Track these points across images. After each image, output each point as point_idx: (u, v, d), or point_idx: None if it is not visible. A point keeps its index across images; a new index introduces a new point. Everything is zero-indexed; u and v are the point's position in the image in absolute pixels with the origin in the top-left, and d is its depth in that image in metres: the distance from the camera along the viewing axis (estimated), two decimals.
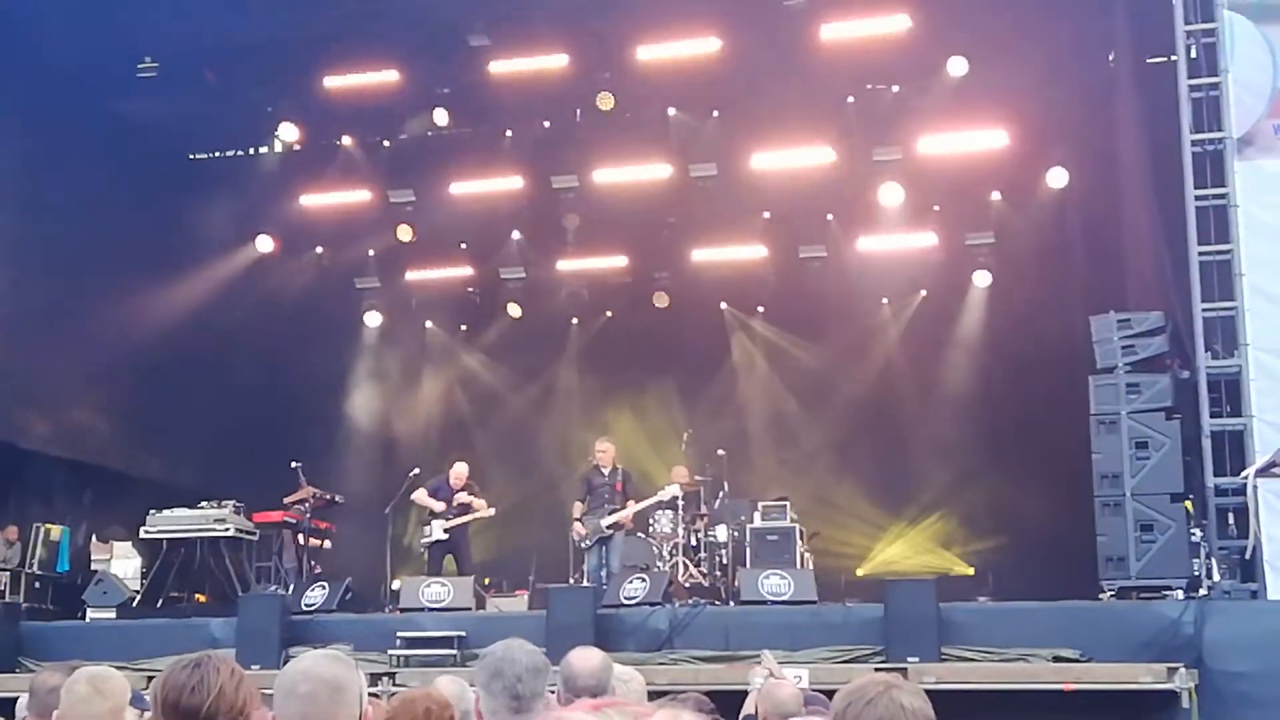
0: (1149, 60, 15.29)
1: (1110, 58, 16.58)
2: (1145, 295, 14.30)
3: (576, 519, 15.20)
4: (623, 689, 5.23)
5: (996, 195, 18.51)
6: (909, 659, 11.44)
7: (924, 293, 19.51)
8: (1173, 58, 13.44)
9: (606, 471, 15.32)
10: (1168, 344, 13.08)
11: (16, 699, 5.54)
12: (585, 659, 4.97)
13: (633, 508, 15.13)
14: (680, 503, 15.58)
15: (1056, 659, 11.46)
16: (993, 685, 11.18)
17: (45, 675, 4.76)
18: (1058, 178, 17.92)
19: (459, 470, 15.78)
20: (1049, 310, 17.13)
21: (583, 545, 15.22)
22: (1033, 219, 18.18)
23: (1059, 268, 17.72)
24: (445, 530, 15.34)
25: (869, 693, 3.06)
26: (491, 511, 15.63)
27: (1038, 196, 18.13)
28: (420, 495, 15.70)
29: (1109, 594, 12.57)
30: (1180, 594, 12.05)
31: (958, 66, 16.72)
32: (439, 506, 15.41)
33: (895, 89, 17.88)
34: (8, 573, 16.30)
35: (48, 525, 17.08)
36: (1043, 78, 16.80)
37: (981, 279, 19.07)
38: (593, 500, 15.20)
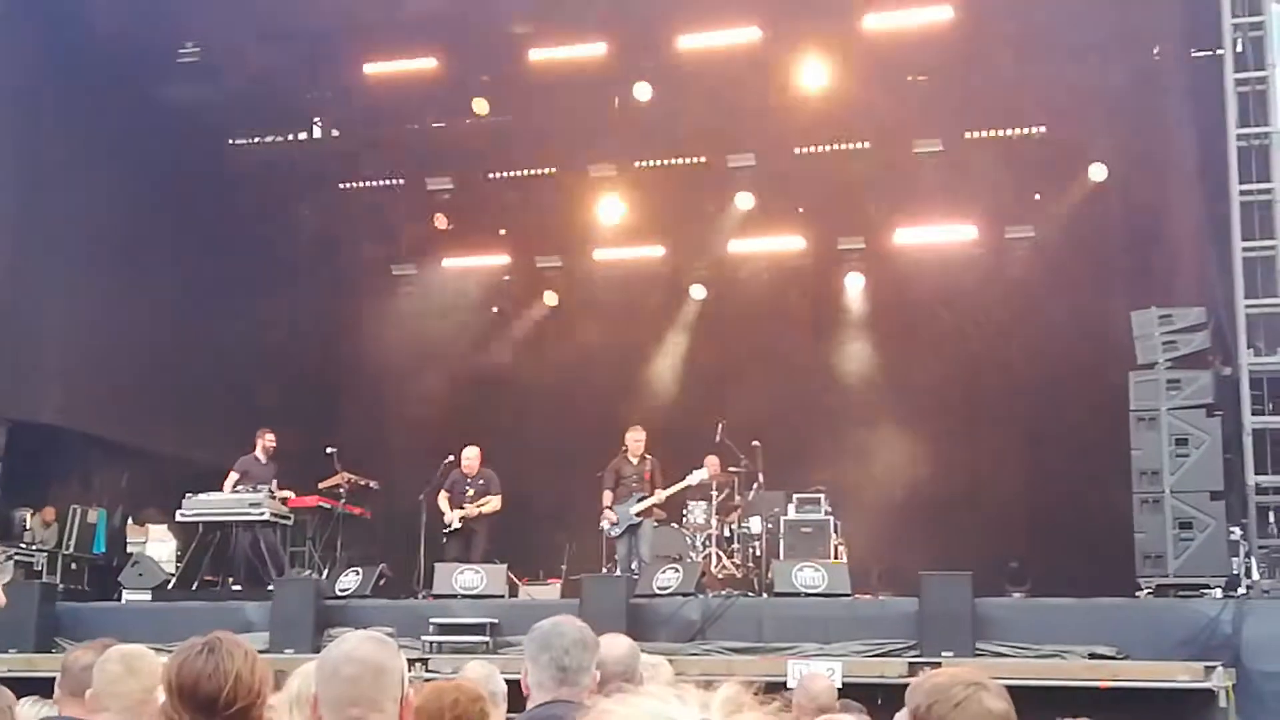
0: (1195, 54, 15.14)
1: (1155, 51, 16.43)
2: (1187, 290, 14.17)
3: (606, 507, 15.26)
4: (650, 675, 5.22)
5: (1038, 188, 18.37)
6: (943, 654, 11.38)
7: (963, 288, 19.38)
8: (1219, 51, 13.30)
9: (635, 461, 15.35)
10: (1209, 340, 12.96)
11: (54, 679, 5.55)
12: (613, 646, 4.97)
13: (660, 494, 15.16)
14: (713, 493, 15.57)
15: (1093, 656, 11.39)
16: (1028, 681, 11.06)
17: (78, 653, 4.76)
18: (1100, 171, 17.77)
19: (467, 456, 15.82)
20: (1089, 305, 16.98)
21: (611, 534, 15.28)
22: (1075, 212, 18.04)
23: (1100, 262, 17.58)
24: (461, 520, 15.46)
25: (957, 694, 2.91)
26: (497, 505, 15.69)
27: (1080, 190, 17.98)
28: (442, 500, 15.78)
29: (1146, 591, 12.47)
30: (1219, 592, 11.95)
31: (1001, 58, 16.56)
32: (454, 516, 15.51)
33: (937, 80, 17.74)
34: (45, 554, 16.44)
35: (85, 507, 17.21)
36: (1086, 70, 16.65)
37: (1021, 272, 18.93)
38: (622, 489, 15.28)
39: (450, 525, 15.54)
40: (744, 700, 2.89)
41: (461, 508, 15.54)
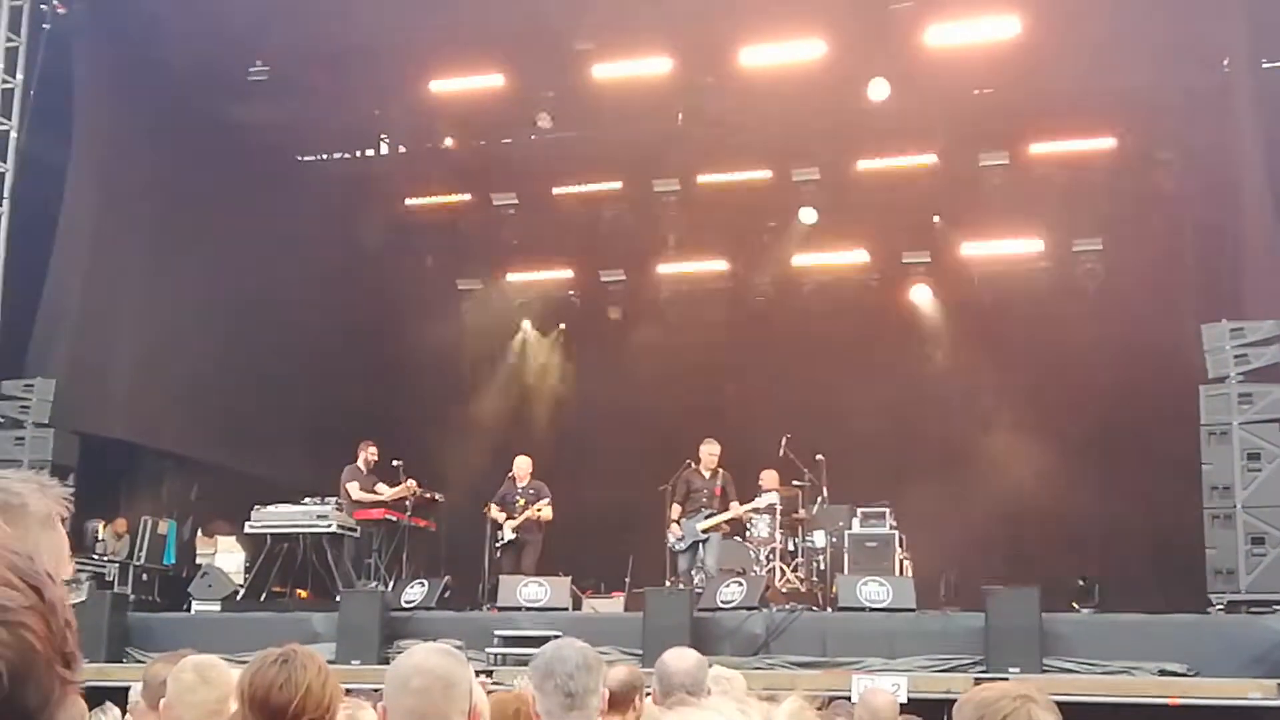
0: (1265, 65, 14.96)
1: (1225, 62, 16.25)
2: (1259, 303, 13.98)
3: (674, 520, 15.22)
4: (724, 687, 5.22)
5: (1106, 200, 18.20)
6: (1010, 669, 11.27)
7: (1030, 302, 19.23)
8: None
9: (707, 475, 15.31)
10: None
11: (128, 688, 5.65)
12: (680, 658, 4.98)
13: (729, 512, 15.12)
14: (779, 508, 15.54)
15: (1162, 673, 11.25)
16: (1096, 698, 10.99)
17: (159, 666, 4.85)
18: (1169, 183, 17.58)
19: (519, 465, 15.93)
20: (1159, 318, 16.80)
21: (677, 547, 15.25)
22: (1143, 225, 17.86)
23: (1170, 275, 17.39)
24: (514, 530, 15.53)
25: (1005, 708, 2.91)
26: (548, 514, 15.73)
27: (1149, 202, 17.80)
28: (494, 512, 15.85)
29: (1218, 607, 12.32)
30: None
31: (1067, 70, 16.43)
32: (508, 526, 15.60)
33: (1002, 93, 17.64)
34: (116, 565, 16.66)
35: (155, 519, 17.44)
36: (1155, 82, 16.50)
37: (1089, 285, 18.76)
38: (690, 503, 15.23)
39: (503, 538, 15.63)
40: (807, 715, 2.90)
41: (513, 518, 15.63)
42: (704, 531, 15.03)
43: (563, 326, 21.84)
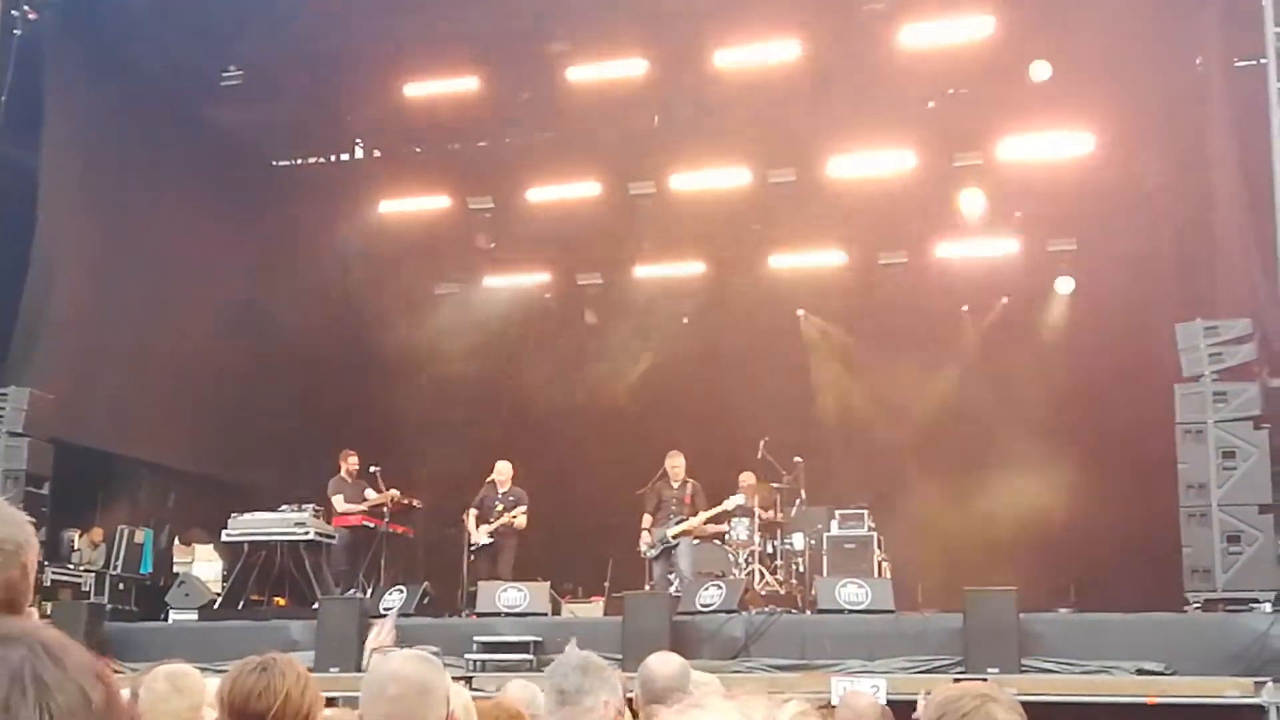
0: (1238, 63, 15.04)
1: (1198, 61, 16.32)
2: (1233, 302, 14.04)
3: (645, 529, 15.34)
4: (701, 693, 5.20)
5: (1080, 201, 18.27)
6: (988, 670, 11.28)
7: (1005, 299, 19.29)
8: (1262, 60, 13.21)
9: (676, 485, 15.43)
10: (1256, 351, 12.83)
11: None
12: (664, 663, 4.98)
13: (697, 518, 15.21)
14: (757, 511, 15.56)
15: (1140, 672, 11.28)
16: (1074, 698, 11.02)
17: (144, 677, 4.86)
18: (1143, 182, 17.65)
19: (500, 470, 15.92)
20: (1134, 317, 16.87)
21: (648, 555, 15.35)
22: (1118, 224, 17.92)
23: (1144, 274, 17.44)
24: (490, 535, 15.51)
25: (964, 706, 2.93)
26: (523, 522, 15.71)
27: (1123, 202, 17.86)
28: (469, 517, 15.85)
29: (1194, 606, 12.35)
30: (1268, 606, 11.80)
31: (1041, 70, 16.50)
32: (481, 533, 15.59)
33: (977, 93, 17.69)
34: (93, 574, 16.56)
35: (132, 528, 17.34)
36: (1129, 81, 16.56)
37: (1064, 285, 18.83)
38: (661, 513, 15.40)
39: (477, 542, 15.63)
40: None
41: (489, 522, 15.62)
42: (673, 538, 15.14)
43: (540, 330, 21.78)
